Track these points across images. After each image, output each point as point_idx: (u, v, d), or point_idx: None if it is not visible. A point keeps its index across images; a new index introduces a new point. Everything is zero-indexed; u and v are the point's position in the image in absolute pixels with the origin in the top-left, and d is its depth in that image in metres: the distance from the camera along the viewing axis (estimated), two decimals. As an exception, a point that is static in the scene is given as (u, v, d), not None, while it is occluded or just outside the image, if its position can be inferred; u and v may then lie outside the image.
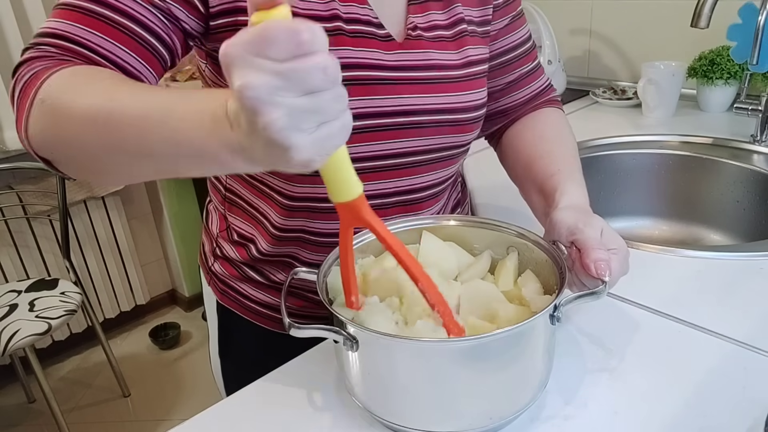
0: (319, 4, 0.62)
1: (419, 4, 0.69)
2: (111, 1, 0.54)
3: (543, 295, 0.58)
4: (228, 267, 0.81)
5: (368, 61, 0.64)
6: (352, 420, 0.58)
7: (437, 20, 0.69)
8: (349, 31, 0.63)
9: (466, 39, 0.71)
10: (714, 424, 0.54)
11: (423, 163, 0.71)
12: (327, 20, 0.62)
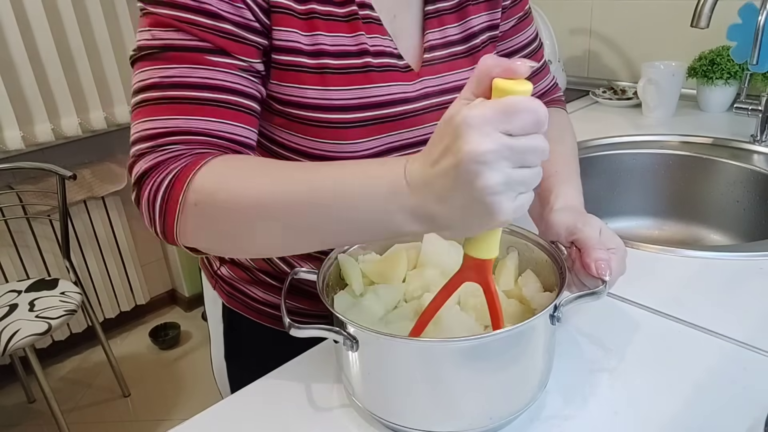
0: (348, 38, 0.61)
1: (436, 18, 0.68)
2: (212, 83, 0.53)
3: (543, 295, 0.59)
4: (237, 270, 0.80)
5: (395, 97, 0.64)
6: (352, 420, 0.58)
7: (451, 36, 0.69)
8: (377, 66, 0.63)
9: (478, 54, 0.71)
10: (714, 424, 0.54)
11: None
12: (356, 56, 0.61)
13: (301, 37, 0.59)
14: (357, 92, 0.61)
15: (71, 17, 2.05)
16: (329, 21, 0.60)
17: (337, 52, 0.60)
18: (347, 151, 0.62)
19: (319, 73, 0.59)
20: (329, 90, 0.60)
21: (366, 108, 0.62)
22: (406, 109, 0.65)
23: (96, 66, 2.16)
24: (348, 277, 0.61)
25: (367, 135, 0.63)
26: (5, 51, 1.94)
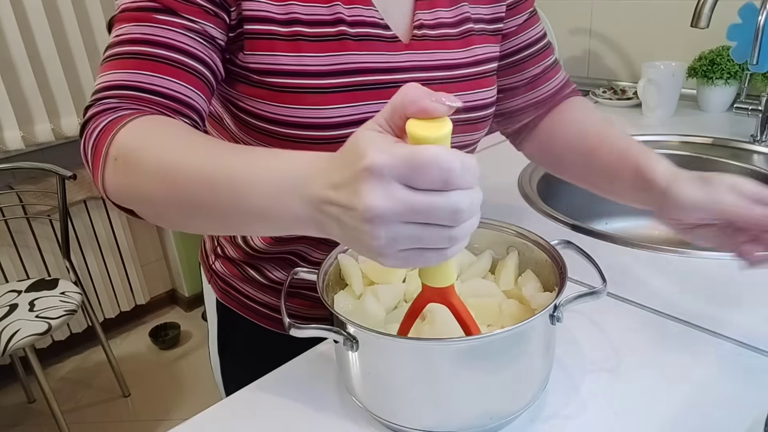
0: (322, 7, 0.62)
1: (426, 1, 0.68)
2: (155, 39, 0.55)
3: (543, 295, 0.59)
4: (229, 266, 0.81)
5: (373, 65, 0.64)
6: (352, 420, 0.58)
7: (443, 18, 0.69)
8: (353, 35, 0.63)
9: (472, 38, 0.71)
10: (714, 424, 0.54)
11: None
12: (330, 24, 0.62)
13: (273, 7, 0.60)
14: (332, 59, 0.61)
15: (71, 17, 2.05)
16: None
17: (310, 21, 0.61)
18: (326, 116, 0.62)
19: (292, 40, 0.60)
20: (303, 56, 0.60)
21: (342, 74, 0.62)
22: (391, 78, 0.65)
23: (96, 66, 2.16)
24: (348, 277, 0.61)
25: (345, 101, 0.62)
26: (5, 51, 1.94)
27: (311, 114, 0.62)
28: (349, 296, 0.60)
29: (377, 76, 0.64)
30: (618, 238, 0.86)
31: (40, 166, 1.90)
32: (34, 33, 1.99)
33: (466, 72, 0.70)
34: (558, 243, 0.60)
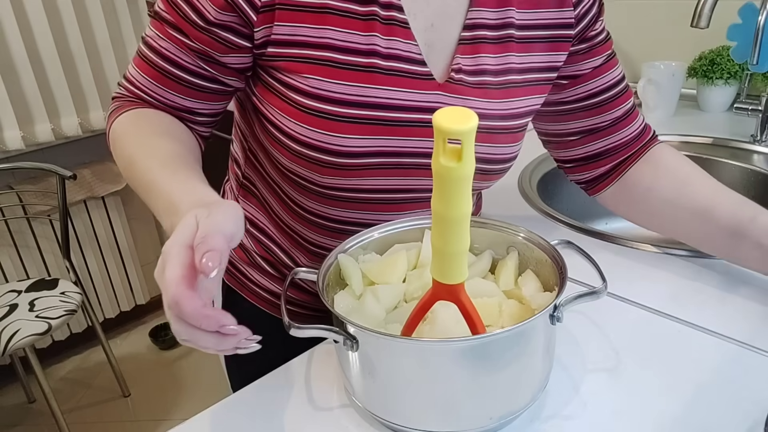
0: (359, 35, 0.61)
1: (470, 45, 0.66)
2: (167, 54, 0.63)
3: (543, 295, 0.59)
4: (237, 250, 0.81)
5: (398, 102, 0.63)
6: (352, 420, 0.58)
7: (487, 65, 0.67)
8: (385, 68, 0.62)
9: (514, 90, 0.69)
10: (714, 424, 0.54)
11: (428, 200, 0.71)
12: (364, 55, 0.61)
13: (308, 30, 0.60)
14: (357, 89, 0.62)
15: (71, 17, 2.05)
16: (344, 17, 0.61)
17: (344, 47, 0.61)
18: (341, 144, 0.63)
19: (322, 64, 0.61)
20: (329, 82, 0.61)
21: (365, 106, 0.62)
22: (415, 117, 0.64)
23: (96, 66, 2.16)
24: (348, 277, 0.61)
25: (363, 133, 0.63)
26: (5, 51, 1.94)
27: (327, 139, 0.62)
28: (349, 296, 0.60)
29: (401, 114, 0.64)
30: (618, 238, 0.86)
31: (40, 166, 1.90)
32: (34, 33, 1.99)
33: (495, 124, 0.68)
34: (558, 243, 0.60)
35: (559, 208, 0.97)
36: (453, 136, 0.42)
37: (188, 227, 0.45)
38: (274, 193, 0.75)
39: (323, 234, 0.73)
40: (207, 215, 0.46)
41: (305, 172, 0.66)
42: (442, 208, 0.46)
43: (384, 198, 0.69)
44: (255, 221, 0.79)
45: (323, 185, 0.66)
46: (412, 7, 0.63)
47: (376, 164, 0.65)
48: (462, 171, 0.43)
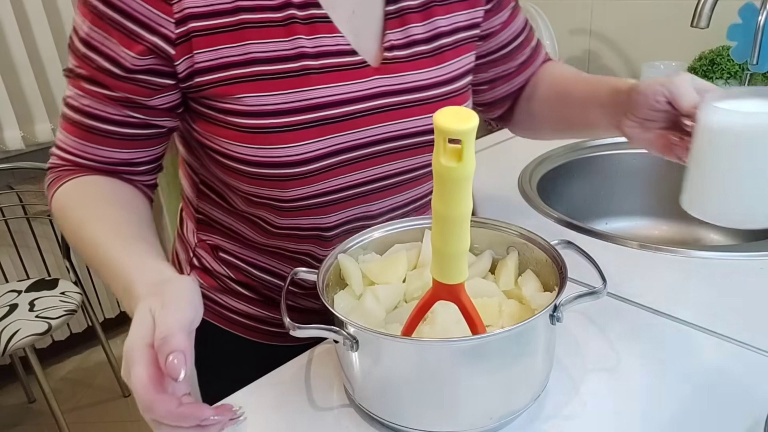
0: (283, 42, 0.60)
1: (397, 18, 0.66)
2: (90, 111, 0.61)
3: (543, 295, 0.59)
4: (207, 278, 0.78)
5: (339, 97, 0.62)
6: (352, 420, 0.58)
7: (416, 35, 0.67)
8: (317, 68, 0.62)
9: (447, 54, 0.69)
10: (714, 424, 0.54)
11: (406, 181, 0.71)
12: (292, 60, 0.60)
13: (230, 50, 0.59)
14: (294, 95, 0.61)
15: (71, 17, 2.05)
16: (262, 28, 0.59)
17: (270, 58, 0.60)
18: (293, 154, 0.61)
19: (253, 80, 0.59)
20: (264, 96, 0.60)
21: (306, 110, 0.61)
22: (355, 109, 0.63)
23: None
24: (348, 277, 0.61)
25: (312, 137, 0.62)
26: (5, 51, 1.94)
27: (278, 153, 0.61)
28: (349, 296, 0.60)
29: (343, 108, 0.63)
30: (618, 238, 0.86)
31: (40, 166, 1.90)
32: (34, 33, 1.99)
33: (439, 92, 0.68)
34: (558, 243, 0.60)
35: (559, 208, 0.97)
36: (453, 136, 0.42)
37: (145, 324, 0.44)
38: (242, 219, 0.72)
39: (305, 243, 0.71)
40: (161, 307, 0.45)
41: (268, 191, 0.64)
42: (443, 208, 0.46)
43: (352, 194, 0.68)
44: (227, 250, 0.76)
45: (290, 198, 0.65)
46: (329, 1, 0.62)
47: (333, 164, 0.64)
48: (463, 171, 0.43)
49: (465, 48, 0.72)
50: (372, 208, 0.70)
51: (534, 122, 0.86)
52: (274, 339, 0.79)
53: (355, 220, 0.70)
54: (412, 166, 0.70)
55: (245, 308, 0.78)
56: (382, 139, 0.66)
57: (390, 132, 0.66)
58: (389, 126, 0.66)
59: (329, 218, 0.69)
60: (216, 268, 0.77)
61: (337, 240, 0.69)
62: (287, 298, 0.74)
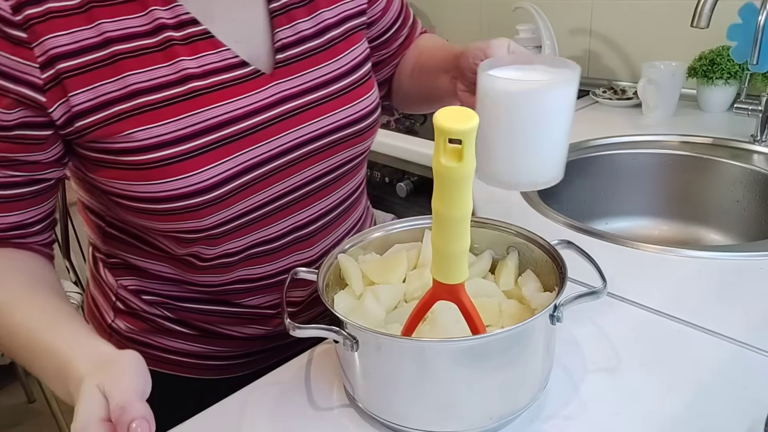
0: (164, 68, 0.56)
1: (284, 14, 0.64)
2: None
3: (543, 295, 0.59)
4: (135, 322, 0.73)
5: (236, 113, 0.59)
6: (352, 420, 0.58)
7: (304, 30, 0.65)
8: (207, 87, 0.58)
9: (339, 45, 0.67)
10: (714, 424, 0.54)
11: (330, 182, 0.69)
12: (178, 84, 0.57)
13: (109, 85, 0.55)
14: (186, 121, 0.57)
15: None
16: (139, 56, 0.56)
17: (153, 86, 0.56)
18: (196, 183, 0.57)
19: (140, 113, 0.56)
20: (156, 126, 0.56)
21: (201, 134, 0.57)
22: (256, 121, 0.60)
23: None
24: (348, 277, 0.61)
25: (212, 161, 0.58)
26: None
27: (182, 184, 0.57)
28: (349, 296, 0.60)
29: (243, 123, 0.60)
30: (618, 238, 0.86)
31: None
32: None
33: (342, 84, 0.66)
34: (558, 243, 0.60)
35: (559, 208, 0.97)
36: (453, 136, 0.42)
37: (94, 401, 0.43)
38: (163, 258, 0.68)
39: (239, 268, 0.68)
40: (111, 379, 0.44)
41: (182, 224, 0.61)
42: (443, 208, 0.46)
43: (272, 209, 0.65)
44: (152, 291, 0.71)
45: (207, 227, 0.61)
46: (205, 13, 0.59)
47: (242, 184, 0.61)
48: (463, 171, 0.43)
49: (356, 36, 0.70)
50: (303, 216, 0.68)
51: (403, 94, 0.85)
52: (216, 373, 0.76)
53: (297, 228, 0.68)
54: (332, 166, 0.68)
55: (183, 346, 0.74)
56: (292, 146, 0.63)
57: (299, 137, 0.64)
58: (297, 131, 0.63)
59: (253, 236, 0.66)
60: (144, 308, 0.72)
61: (283, 253, 0.68)
62: (223, 329, 0.72)
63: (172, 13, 0.57)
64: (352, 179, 0.74)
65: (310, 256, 0.72)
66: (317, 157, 0.66)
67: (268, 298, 0.72)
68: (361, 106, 0.68)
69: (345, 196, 0.74)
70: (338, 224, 0.74)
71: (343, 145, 0.68)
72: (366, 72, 0.71)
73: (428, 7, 1.97)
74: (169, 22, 0.57)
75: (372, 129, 0.71)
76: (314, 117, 0.64)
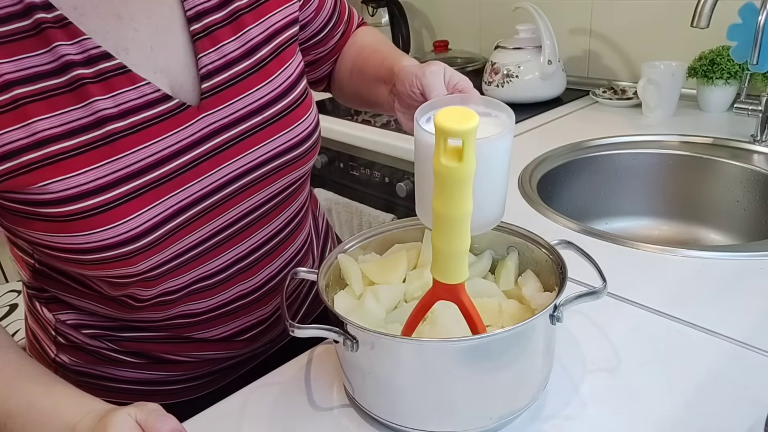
0: (76, 111, 0.51)
1: (206, 36, 0.58)
2: None
3: (543, 295, 0.59)
4: (80, 355, 0.69)
5: (163, 154, 0.55)
6: (352, 420, 0.58)
7: (231, 53, 0.59)
8: (127, 128, 0.53)
9: (270, 66, 0.62)
10: (714, 424, 0.54)
11: (258, 218, 0.66)
12: (95, 128, 0.52)
13: (14, 133, 0.49)
14: (109, 167, 0.52)
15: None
16: (46, 100, 0.50)
17: (66, 132, 0.51)
18: (125, 231, 0.53)
19: (53, 162, 0.50)
20: (74, 176, 0.51)
21: (122, 182, 0.53)
22: (185, 159, 0.56)
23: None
24: (348, 277, 0.61)
25: (137, 209, 0.54)
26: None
27: (108, 234, 0.53)
28: (349, 296, 0.60)
29: (171, 163, 0.55)
30: (618, 238, 0.86)
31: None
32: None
33: (277, 108, 0.62)
34: (558, 243, 0.60)
35: (559, 208, 0.97)
36: (454, 136, 0.42)
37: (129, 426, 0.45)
38: (98, 299, 0.65)
39: (181, 304, 0.65)
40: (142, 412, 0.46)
41: (113, 271, 0.56)
42: (443, 208, 0.46)
43: (210, 246, 0.62)
44: (91, 325, 0.68)
45: (141, 271, 0.57)
46: (118, 45, 0.54)
47: (175, 227, 0.57)
48: (463, 171, 0.43)
49: (288, 52, 0.65)
50: (243, 247, 0.66)
51: (344, 94, 0.84)
52: (175, 397, 0.73)
53: (238, 260, 0.66)
54: (271, 194, 0.65)
55: (134, 375, 0.70)
56: (226, 181, 0.59)
57: (233, 171, 0.60)
58: (230, 165, 0.59)
59: (209, 265, 0.64)
60: (86, 341, 0.68)
61: (225, 285, 0.66)
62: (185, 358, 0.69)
63: (80, 48, 0.51)
64: (294, 202, 0.70)
65: (255, 283, 0.69)
66: (254, 188, 0.62)
67: (217, 330, 0.70)
68: (299, 129, 0.64)
69: (287, 220, 0.70)
70: (283, 248, 0.71)
71: (282, 172, 0.64)
72: (302, 90, 0.66)
73: (428, 7, 1.97)
74: (76, 59, 0.51)
75: (312, 151, 0.67)
76: (248, 148, 0.60)
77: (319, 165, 1.56)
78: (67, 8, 0.52)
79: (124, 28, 0.55)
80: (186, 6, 0.58)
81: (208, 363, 0.73)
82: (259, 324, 0.73)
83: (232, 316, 0.70)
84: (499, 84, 1.48)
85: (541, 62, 1.45)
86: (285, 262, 0.72)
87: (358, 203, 1.50)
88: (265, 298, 0.71)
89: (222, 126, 0.59)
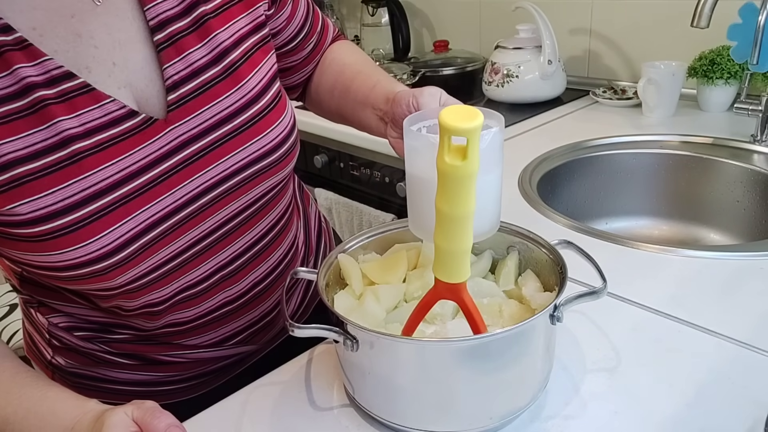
0: (40, 132, 0.51)
1: (171, 45, 0.57)
2: None
3: (543, 295, 0.59)
4: (75, 357, 0.69)
5: (131, 170, 0.54)
6: (352, 420, 0.58)
7: (198, 60, 0.58)
8: (92, 147, 0.52)
9: (241, 70, 0.61)
10: (714, 424, 0.54)
11: (239, 225, 0.65)
12: (60, 148, 0.51)
13: None
14: (77, 185, 0.52)
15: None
16: (8, 123, 0.50)
17: (30, 154, 0.50)
18: (97, 249, 0.53)
19: (20, 184, 0.51)
20: (42, 197, 0.51)
21: (91, 200, 0.53)
22: (155, 174, 0.55)
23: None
24: (348, 277, 0.61)
25: (109, 226, 0.53)
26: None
27: (82, 252, 0.53)
28: (349, 296, 0.60)
29: (137, 180, 0.55)
30: (618, 238, 0.86)
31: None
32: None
33: (249, 114, 0.61)
34: (558, 243, 0.60)
35: (559, 208, 0.97)
36: (458, 135, 0.42)
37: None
38: (88, 307, 0.66)
39: (169, 313, 0.65)
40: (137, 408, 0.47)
41: (93, 285, 0.57)
42: (446, 207, 0.46)
43: (190, 256, 0.62)
44: (84, 328, 0.68)
45: (120, 284, 0.57)
46: (79, 63, 0.53)
47: (149, 241, 0.57)
48: (467, 169, 0.43)
49: (259, 54, 0.64)
50: (226, 254, 0.65)
51: (321, 109, 0.84)
52: (171, 397, 0.73)
53: (221, 267, 0.65)
54: (250, 201, 0.64)
55: (129, 376, 0.70)
56: (199, 192, 0.59)
57: (206, 182, 0.59)
58: (202, 176, 0.59)
59: (192, 275, 0.63)
60: (80, 344, 0.68)
61: (211, 293, 0.66)
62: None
63: (41, 69, 0.51)
64: (276, 206, 0.69)
65: (240, 289, 0.69)
66: (231, 197, 0.62)
67: (207, 336, 0.70)
68: (274, 134, 0.63)
69: (270, 224, 0.69)
70: (268, 253, 0.70)
71: (259, 178, 0.63)
72: (276, 93, 0.64)
73: (428, 7, 1.97)
74: (38, 80, 0.51)
75: (290, 155, 0.66)
76: (221, 157, 0.59)
77: (319, 165, 1.56)
78: (26, 29, 0.51)
79: (85, 46, 0.54)
80: (148, 16, 0.57)
81: (202, 363, 0.73)
82: (250, 326, 0.73)
83: (221, 321, 0.69)
84: (499, 84, 1.48)
85: (541, 62, 1.45)
86: (272, 267, 0.72)
87: (358, 203, 1.50)
88: (253, 302, 0.71)
89: (191, 137, 0.58)
